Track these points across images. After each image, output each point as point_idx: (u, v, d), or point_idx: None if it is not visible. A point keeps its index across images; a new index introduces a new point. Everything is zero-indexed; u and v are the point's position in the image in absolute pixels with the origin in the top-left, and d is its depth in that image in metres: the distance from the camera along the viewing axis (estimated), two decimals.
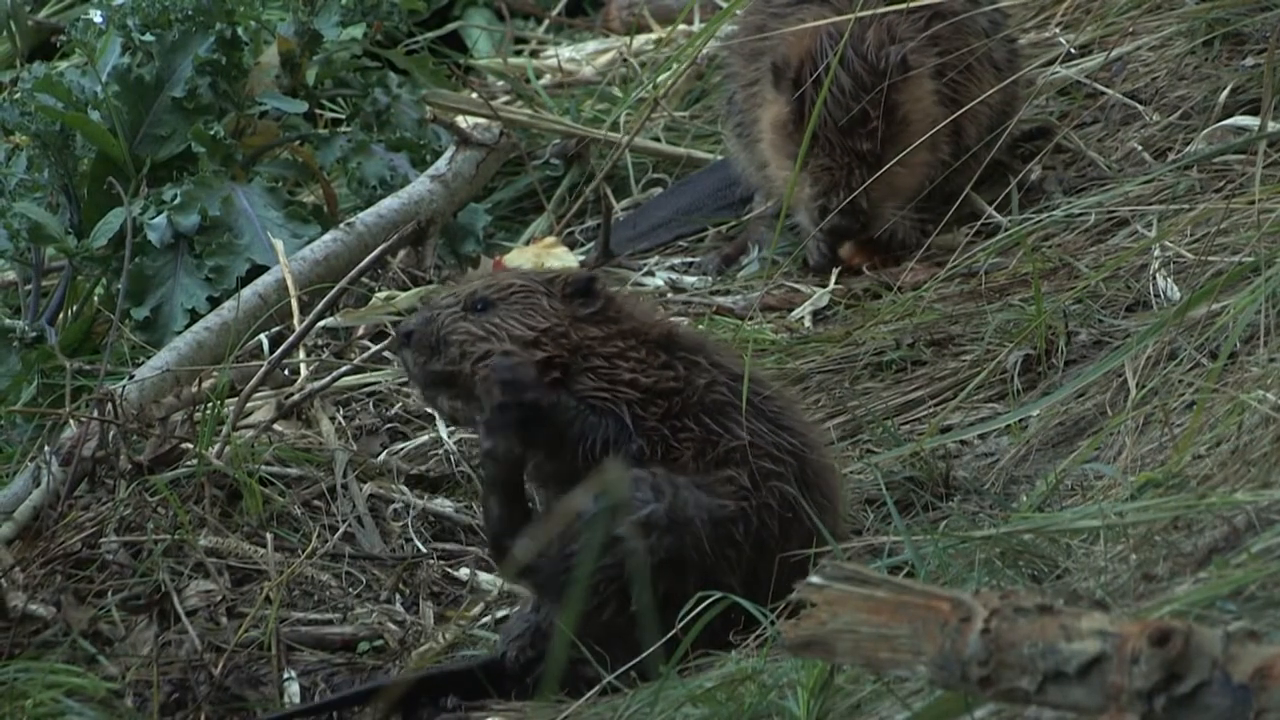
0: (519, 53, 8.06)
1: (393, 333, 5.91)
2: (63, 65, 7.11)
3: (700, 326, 5.80)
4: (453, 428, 5.46)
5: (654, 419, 4.34)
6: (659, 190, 6.90)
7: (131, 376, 5.60)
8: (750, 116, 6.28)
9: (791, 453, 4.33)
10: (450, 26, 8.26)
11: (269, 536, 5.00)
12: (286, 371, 5.78)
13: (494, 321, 4.42)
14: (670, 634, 4.05)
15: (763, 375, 4.56)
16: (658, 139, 7.05)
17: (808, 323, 5.92)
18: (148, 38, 6.40)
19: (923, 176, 6.05)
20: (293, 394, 5.60)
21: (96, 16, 6.55)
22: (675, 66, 7.25)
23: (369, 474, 5.34)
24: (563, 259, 6.33)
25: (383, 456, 5.44)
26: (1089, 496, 4.54)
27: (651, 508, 4.22)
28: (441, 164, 6.60)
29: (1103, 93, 6.40)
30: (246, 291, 6.02)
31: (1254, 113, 5.88)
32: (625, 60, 7.61)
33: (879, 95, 5.91)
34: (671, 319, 4.59)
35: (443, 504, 5.27)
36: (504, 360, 4.36)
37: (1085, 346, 5.31)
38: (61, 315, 6.35)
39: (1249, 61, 6.22)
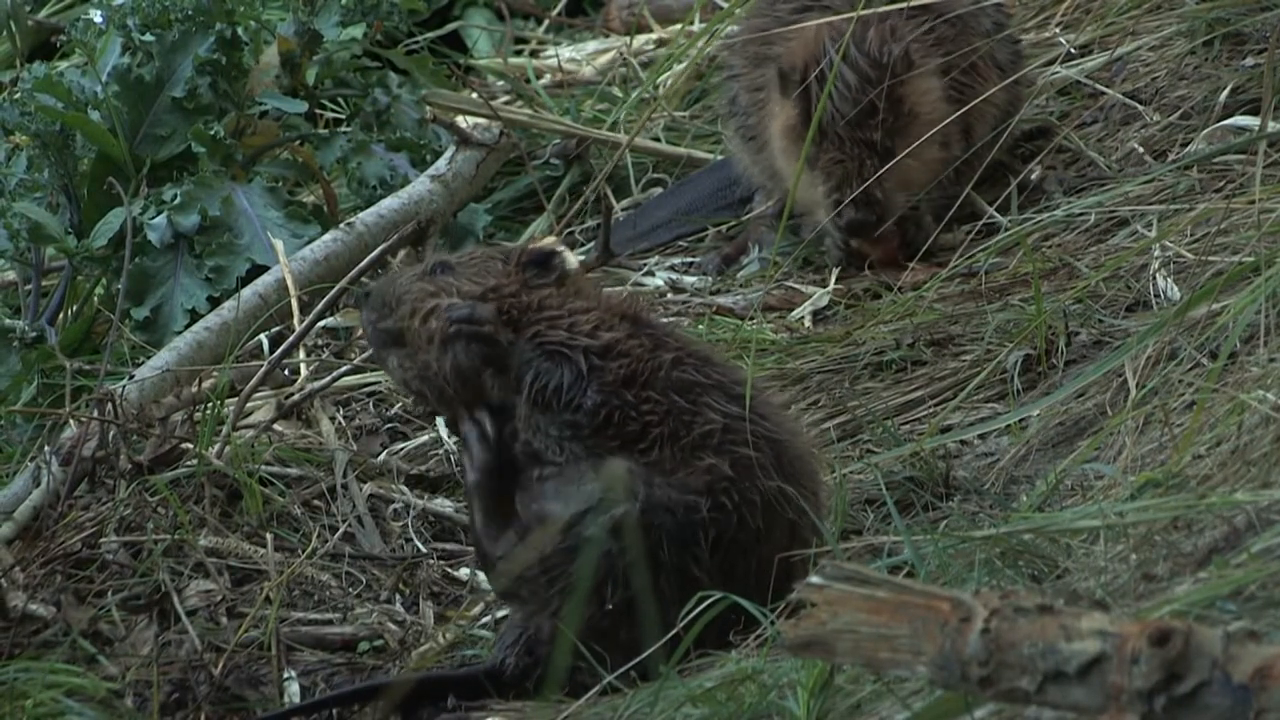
0: (519, 53, 8.06)
1: None
2: (63, 65, 7.11)
3: (700, 326, 5.81)
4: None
5: (614, 375, 4.31)
6: (659, 190, 6.90)
7: (131, 376, 5.61)
8: (754, 120, 6.28)
9: (768, 439, 4.32)
10: (450, 26, 8.26)
11: (269, 536, 5.00)
12: (286, 371, 5.79)
13: (448, 280, 4.46)
14: (670, 634, 4.05)
15: (724, 357, 4.55)
16: (658, 139, 7.05)
17: (808, 323, 5.92)
18: (148, 38, 6.40)
19: (936, 172, 6.04)
20: (293, 394, 5.60)
21: (96, 16, 6.55)
22: (675, 66, 7.26)
23: (369, 474, 5.34)
24: None
25: (383, 456, 5.44)
26: (1089, 496, 4.54)
27: (624, 509, 4.21)
28: (441, 164, 6.60)
29: (1103, 93, 6.40)
30: (246, 291, 6.03)
31: (1254, 113, 5.88)
32: (625, 60, 7.61)
33: (884, 88, 5.91)
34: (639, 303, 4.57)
35: (443, 504, 5.27)
36: (460, 303, 4.40)
37: (1085, 346, 5.31)
38: (61, 315, 6.35)
39: (1249, 61, 6.22)
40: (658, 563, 4.20)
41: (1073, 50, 6.40)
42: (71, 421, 5.31)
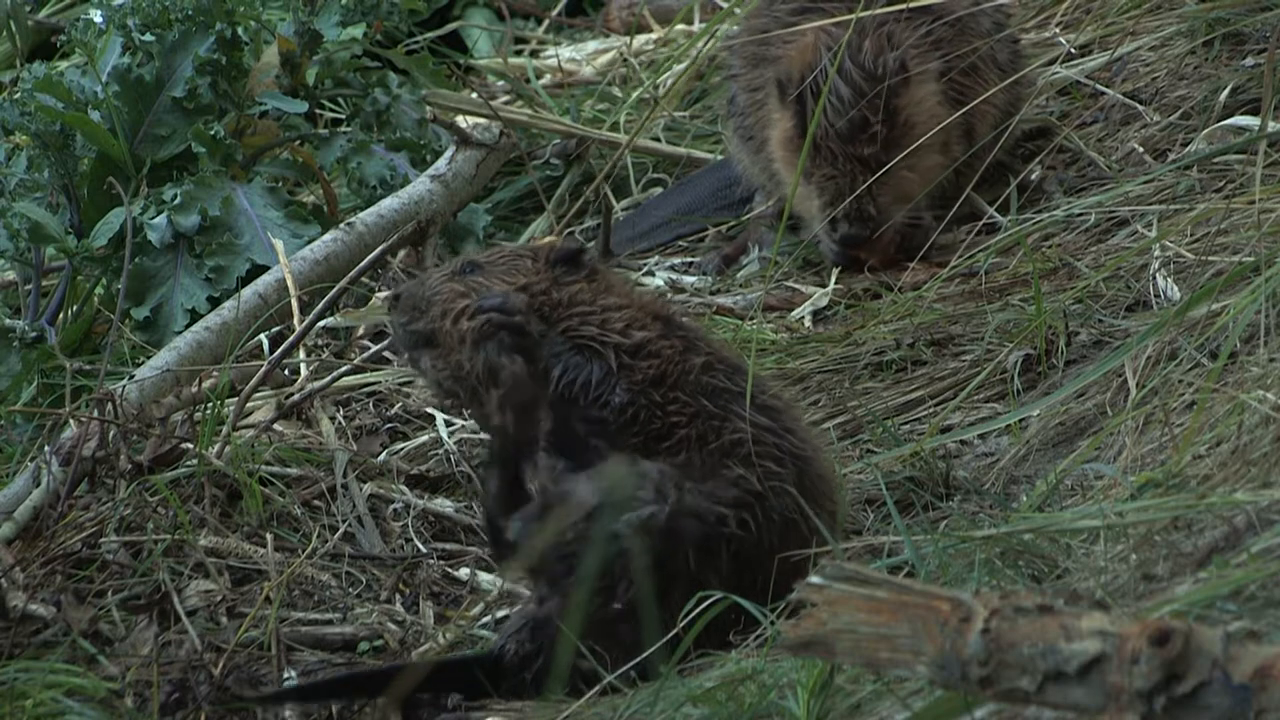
0: (519, 53, 8.07)
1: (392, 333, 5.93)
2: (63, 65, 7.12)
3: None
4: (451, 428, 5.47)
5: (643, 375, 4.31)
6: (659, 190, 6.90)
7: (131, 376, 5.60)
8: (752, 120, 6.28)
9: (793, 456, 4.31)
10: (450, 26, 8.26)
11: (269, 536, 5.00)
12: (286, 371, 5.79)
13: (478, 280, 4.47)
14: (671, 635, 4.05)
15: (760, 375, 4.54)
16: (658, 139, 7.05)
17: (808, 323, 5.92)
18: (148, 38, 6.40)
19: (936, 180, 6.03)
20: (293, 394, 5.60)
21: (96, 16, 6.55)
22: (675, 66, 7.26)
23: (369, 474, 5.34)
24: None
25: (383, 456, 5.44)
26: (1089, 496, 4.54)
27: (652, 510, 4.20)
28: (441, 164, 6.60)
29: (1103, 93, 6.40)
30: (247, 291, 6.03)
31: (1254, 113, 5.88)
32: (625, 60, 7.61)
33: (878, 100, 5.90)
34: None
35: (443, 504, 5.27)
36: (492, 293, 4.41)
37: (1085, 346, 5.31)
38: (61, 315, 6.35)
39: (1249, 61, 6.22)
40: (677, 569, 4.19)
41: (1073, 50, 6.40)
42: (71, 421, 5.31)
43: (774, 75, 6.09)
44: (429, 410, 5.57)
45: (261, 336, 5.91)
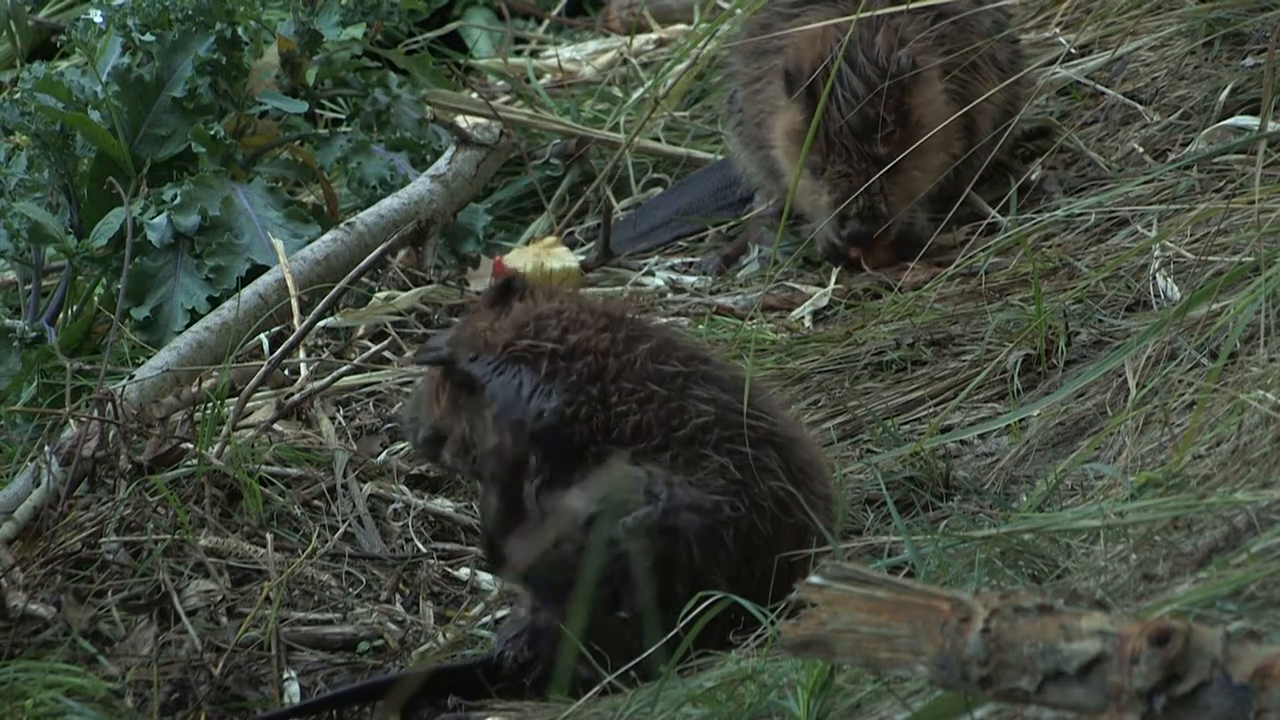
0: (519, 53, 8.07)
1: (392, 333, 5.94)
2: (63, 65, 7.11)
3: (700, 326, 5.81)
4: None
5: (577, 374, 4.29)
6: (659, 190, 6.90)
7: (131, 376, 5.61)
8: (752, 116, 6.28)
9: (774, 439, 4.29)
10: (450, 26, 8.26)
11: (269, 536, 5.00)
12: (286, 371, 5.79)
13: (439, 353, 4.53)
14: (671, 634, 4.04)
15: (722, 357, 4.52)
16: (658, 139, 7.05)
17: (808, 323, 5.92)
18: (148, 38, 6.40)
19: (940, 179, 6.03)
20: (293, 394, 5.60)
21: (96, 16, 6.55)
22: (675, 66, 7.26)
23: (369, 474, 5.34)
24: (563, 259, 6.33)
25: (383, 456, 5.44)
26: (1089, 496, 4.54)
27: (646, 510, 4.19)
28: (441, 164, 6.60)
29: (1103, 93, 6.40)
30: (247, 291, 6.03)
31: (1254, 113, 5.88)
32: (625, 60, 7.61)
33: (892, 99, 5.89)
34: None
35: (443, 504, 5.27)
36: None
37: (1085, 346, 5.31)
38: (61, 315, 6.35)
39: (1249, 61, 6.22)
40: (679, 566, 4.18)
41: (1073, 50, 6.40)
42: (71, 421, 5.31)
43: (780, 65, 6.07)
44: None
45: (261, 336, 5.91)
